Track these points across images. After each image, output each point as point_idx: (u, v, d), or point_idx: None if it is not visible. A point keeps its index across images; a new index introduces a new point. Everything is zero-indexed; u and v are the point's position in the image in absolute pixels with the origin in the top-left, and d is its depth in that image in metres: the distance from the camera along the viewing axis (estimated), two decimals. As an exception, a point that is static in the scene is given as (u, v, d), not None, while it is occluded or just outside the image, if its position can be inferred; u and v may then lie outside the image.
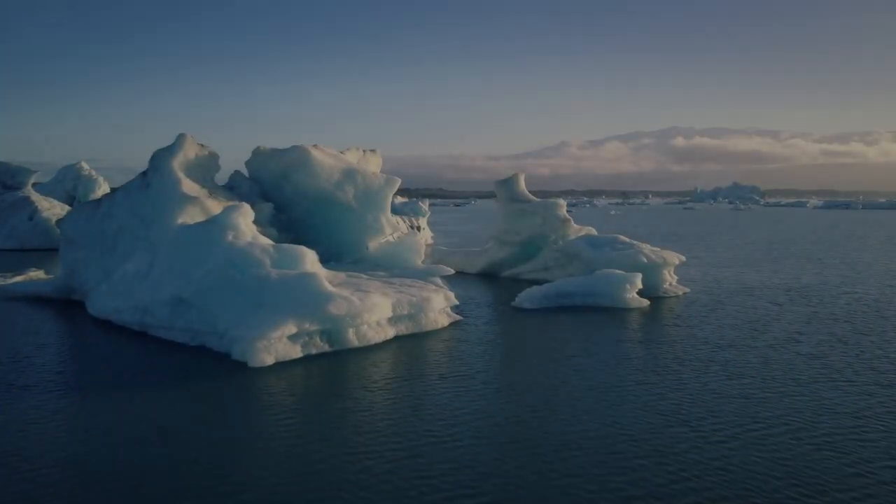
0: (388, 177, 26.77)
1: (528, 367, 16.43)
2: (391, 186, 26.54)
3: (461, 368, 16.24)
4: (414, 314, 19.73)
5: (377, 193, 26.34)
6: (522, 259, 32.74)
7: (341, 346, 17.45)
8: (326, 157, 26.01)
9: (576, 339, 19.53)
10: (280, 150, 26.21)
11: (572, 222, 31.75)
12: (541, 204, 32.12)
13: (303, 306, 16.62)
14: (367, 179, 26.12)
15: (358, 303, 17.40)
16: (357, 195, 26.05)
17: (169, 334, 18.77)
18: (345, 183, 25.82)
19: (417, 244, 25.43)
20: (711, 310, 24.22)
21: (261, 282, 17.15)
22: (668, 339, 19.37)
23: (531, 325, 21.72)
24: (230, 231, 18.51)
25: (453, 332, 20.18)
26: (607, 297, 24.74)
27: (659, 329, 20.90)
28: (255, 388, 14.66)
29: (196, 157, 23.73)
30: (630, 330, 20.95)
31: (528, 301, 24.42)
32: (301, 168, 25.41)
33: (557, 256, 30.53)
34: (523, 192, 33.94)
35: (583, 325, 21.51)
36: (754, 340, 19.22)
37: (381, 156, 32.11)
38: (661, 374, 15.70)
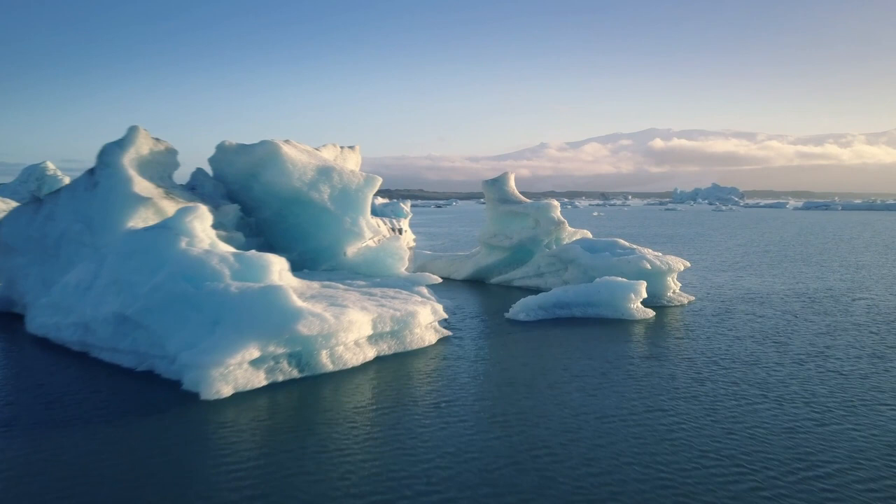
0: (368, 175, 24.33)
1: (528, 392, 14.13)
2: (371, 186, 24.11)
3: (452, 395, 13.92)
4: (397, 331, 17.32)
5: (356, 193, 23.89)
6: (513, 264, 30.46)
7: (313, 372, 15.00)
8: (299, 153, 23.49)
9: (578, 356, 17.26)
10: (247, 146, 23.63)
11: (567, 225, 29.54)
12: (533, 205, 29.87)
13: (267, 325, 14.13)
14: (345, 178, 23.65)
15: (332, 320, 14.94)
16: (334, 195, 23.57)
17: (113, 357, 16.15)
18: (320, 182, 23.32)
19: (400, 249, 23.02)
20: (722, 320, 22.12)
21: (218, 297, 14.61)
22: (681, 356, 17.18)
23: (528, 340, 19.42)
24: (183, 237, 15.94)
25: (442, 351, 17.80)
26: (609, 307, 22.53)
27: (669, 344, 18.71)
28: (209, 424, 12.20)
29: (150, 153, 21.08)
30: (637, 346, 18.73)
31: (524, 312, 22.13)
32: (271, 165, 22.86)
33: (551, 262, 28.29)
34: (513, 193, 31.67)
35: (585, 341, 19.25)
36: (780, 356, 17.11)
37: (360, 153, 29.64)
38: (678, 397, 13.57)
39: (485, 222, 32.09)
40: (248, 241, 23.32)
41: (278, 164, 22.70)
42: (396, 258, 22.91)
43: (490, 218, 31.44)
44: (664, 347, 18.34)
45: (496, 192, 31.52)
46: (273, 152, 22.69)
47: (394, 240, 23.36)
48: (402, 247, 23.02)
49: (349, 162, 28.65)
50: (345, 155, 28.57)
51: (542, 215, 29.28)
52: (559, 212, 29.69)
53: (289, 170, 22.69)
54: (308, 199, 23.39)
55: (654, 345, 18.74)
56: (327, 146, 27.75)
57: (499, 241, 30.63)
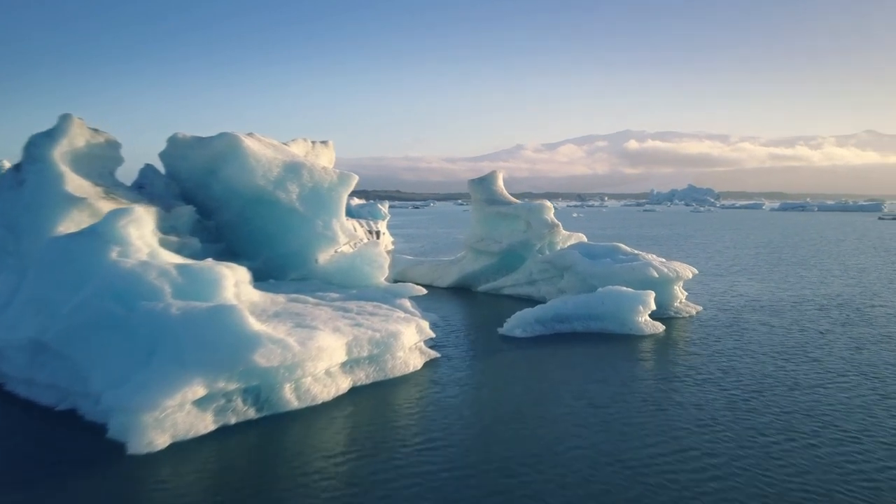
0: (342, 173, 21.60)
1: (532, 430, 11.68)
2: (346, 184, 21.39)
3: (442, 434, 11.49)
4: (377, 356, 14.66)
5: (328, 193, 21.14)
6: (502, 271, 27.92)
7: (274, 410, 12.29)
8: (264, 147, 20.67)
9: (587, 382, 14.79)
10: (204, 139, 20.72)
11: (561, 228, 27.09)
12: (524, 206, 27.36)
13: (217, 355, 11.38)
14: (316, 176, 20.88)
15: (298, 347, 12.23)
16: (303, 195, 20.80)
17: (30, 391, 13.25)
18: (287, 180, 20.52)
19: (379, 256, 20.34)
20: (738, 333, 19.83)
21: (155, 320, 11.81)
22: (704, 378, 14.82)
23: (527, 362, 16.89)
24: (114, 245, 13.07)
25: (429, 378, 15.19)
26: (615, 321, 20.10)
27: (687, 363, 16.32)
28: (138, 484, 9.54)
29: (87, 146, 18.11)
30: (651, 367, 16.31)
31: (520, 328, 19.59)
32: (231, 161, 19.99)
33: (545, 268, 25.80)
34: (502, 193, 29.15)
35: (592, 362, 16.79)
36: (818, 376, 14.86)
37: (334, 149, 26.89)
38: (710, 433, 11.34)
39: (470, 225, 29.52)
40: (206, 247, 20.45)
41: (239, 159, 19.85)
42: (375, 266, 20.22)
43: (476, 220, 28.86)
44: (682, 368, 15.95)
45: (483, 193, 28.96)
46: (233, 146, 19.83)
47: (371, 245, 20.66)
48: (381, 253, 20.34)
49: (322, 158, 25.88)
50: (317, 151, 25.79)
51: (535, 217, 26.80)
52: (553, 213, 27.24)
53: (252, 166, 19.86)
54: (274, 200, 20.58)
55: (671, 364, 16.36)
56: (297, 141, 24.96)
57: (486, 246, 28.07)
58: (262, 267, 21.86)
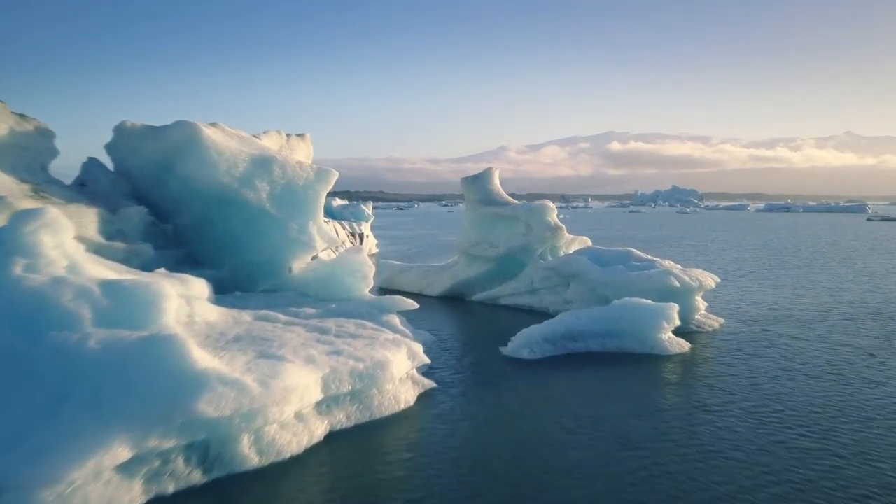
0: (321, 168, 18.83)
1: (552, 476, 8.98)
2: (324, 181, 18.62)
3: (443, 488, 8.79)
4: (361, 391, 11.92)
5: (304, 191, 18.37)
6: (500, 278, 25.25)
7: (228, 471, 9.50)
8: (227, 139, 17.82)
9: (610, 414, 12.24)
10: (157, 128, 17.82)
11: (565, 231, 24.49)
12: (523, 207, 24.71)
13: (148, 404, 8.60)
14: (290, 171, 18.09)
15: (257, 389, 9.47)
16: (275, 194, 18.01)
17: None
18: (256, 176, 17.72)
19: (362, 264, 17.59)
20: (770, 350, 17.41)
21: (67, 356, 8.99)
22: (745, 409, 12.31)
23: (539, 391, 14.24)
24: (18, 257, 10.20)
25: (425, 416, 12.47)
26: (635, 338, 17.53)
27: (723, 389, 13.79)
28: None
29: (11, 134, 15.15)
30: (681, 394, 13.73)
31: (526, 347, 16.93)
32: (189, 154, 17.13)
33: (547, 276, 23.18)
34: (498, 193, 26.49)
35: (613, 389, 14.18)
36: (875, 404, 12.31)
37: (311, 143, 24.08)
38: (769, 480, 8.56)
39: (463, 227, 26.81)
40: (161, 254, 17.60)
41: (199, 152, 16.98)
42: (358, 276, 17.47)
43: (471, 222, 26.17)
44: (719, 396, 13.43)
45: (478, 192, 26.28)
46: (191, 137, 16.96)
47: (353, 252, 17.88)
48: (365, 261, 17.58)
49: (298, 153, 23.08)
50: (292, 144, 22.98)
51: (535, 219, 24.16)
52: (556, 214, 24.62)
53: (213, 160, 17.00)
54: (241, 199, 17.75)
55: (706, 391, 13.83)
56: (269, 133, 22.14)
57: (482, 251, 25.39)
58: (227, 276, 19.04)
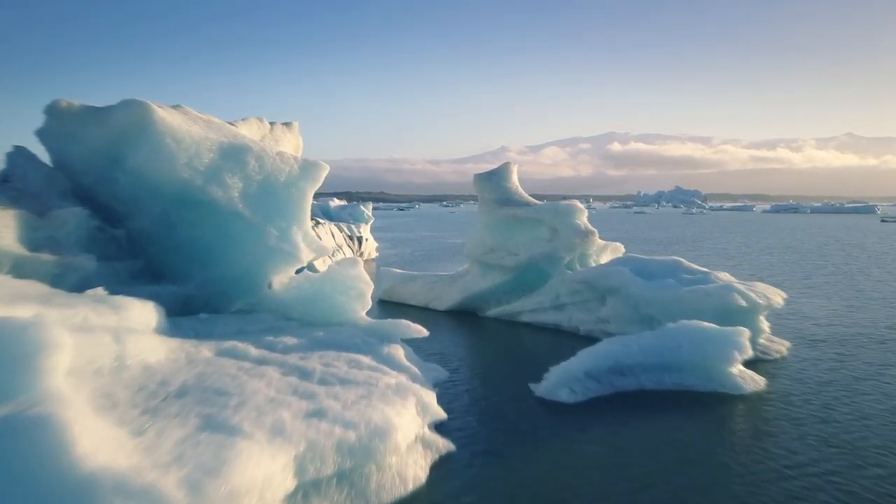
0: (308, 160, 15.34)
1: None
2: (311, 177, 15.12)
3: None
4: (353, 470, 8.37)
5: (286, 189, 14.87)
6: (518, 291, 21.71)
7: None
8: (189, 123, 14.27)
9: (681, 483, 8.69)
10: (99, 110, 14.29)
11: (597, 236, 20.95)
12: (548, 208, 21.16)
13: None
14: (269, 165, 14.58)
15: (183, 499, 5.96)
16: (250, 192, 14.50)
17: None
18: (226, 170, 14.21)
19: (358, 280, 14.07)
20: (862, 382, 13.87)
21: None
22: (865, 474, 8.74)
23: (587, 449, 10.75)
24: None
25: (440, 498, 8.96)
26: (698, 372, 14.02)
27: (824, 440, 10.26)
28: None
29: None
30: (772, 447, 10.21)
31: (565, 387, 13.40)
32: (140, 142, 13.62)
33: (577, 289, 19.68)
34: (517, 191, 22.97)
35: (679, 443, 10.68)
36: None
37: (299, 134, 20.57)
38: None
39: (477, 231, 23.26)
40: (109, 266, 14.13)
41: (152, 139, 13.45)
42: (352, 295, 13.97)
43: (485, 226, 22.63)
44: (822, 452, 9.87)
45: (493, 191, 22.74)
46: (141, 120, 13.41)
47: (347, 265, 14.34)
48: (361, 276, 14.06)
49: (284, 144, 19.57)
50: (276, 134, 19.47)
51: (563, 222, 20.63)
52: (586, 217, 21.08)
53: (170, 150, 13.47)
54: (207, 199, 14.23)
55: (803, 445, 10.31)
56: (249, 120, 18.64)
57: (498, 259, 21.85)
58: (195, 294, 15.55)
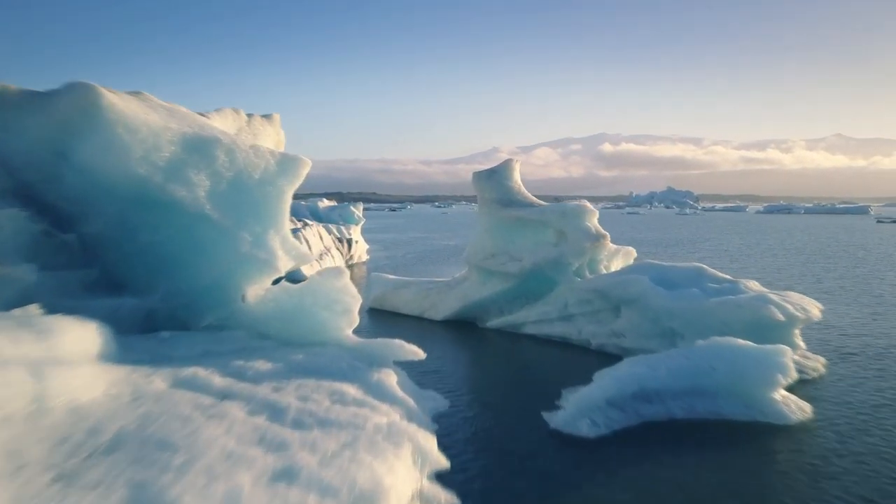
0: (287, 155, 13.42)
1: None
2: (290, 174, 13.20)
3: None
4: (331, 552, 6.48)
5: (262, 188, 12.95)
6: (522, 300, 19.86)
7: None
8: (146, 111, 12.30)
9: None
10: (41, 95, 12.33)
11: (609, 240, 19.13)
12: (555, 209, 19.32)
13: None
14: (241, 160, 12.65)
15: None
16: (219, 191, 12.57)
17: None
18: (190, 166, 12.26)
19: (345, 293, 12.16)
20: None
21: None
22: None
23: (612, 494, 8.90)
24: None
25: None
26: (735, 399, 12.20)
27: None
28: None
29: None
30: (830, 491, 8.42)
31: (585, 418, 11.54)
32: (88, 132, 11.67)
33: (587, 299, 17.85)
34: (520, 191, 21.12)
35: (721, 487, 8.84)
36: None
37: (281, 126, 18.66)
38: None
39: (477, 234, 21.38)
40: (56, 277, 12.16)
41: (102, 129, 11.49)
42: (337, 310, 12.05)
43: (486, 228, 20.75)
44: None
45: (494, 190, 20.87)
46: (90, 106, 11.44)
47: (331, 275, 12.41)
48: (348, 288, 12.14)
49: (263, 139, 17.64)
50: (254, 128, 17.54)
51: (571, 224, 18.79)
52: (597, 219, 19.25)
53: (122, 141, 11.51)
54: (169, 199, 12.28)
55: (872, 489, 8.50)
56: (223, 111, 16.72)
57: (500, 264, 19.98)
58: (159, 308, 13.56)
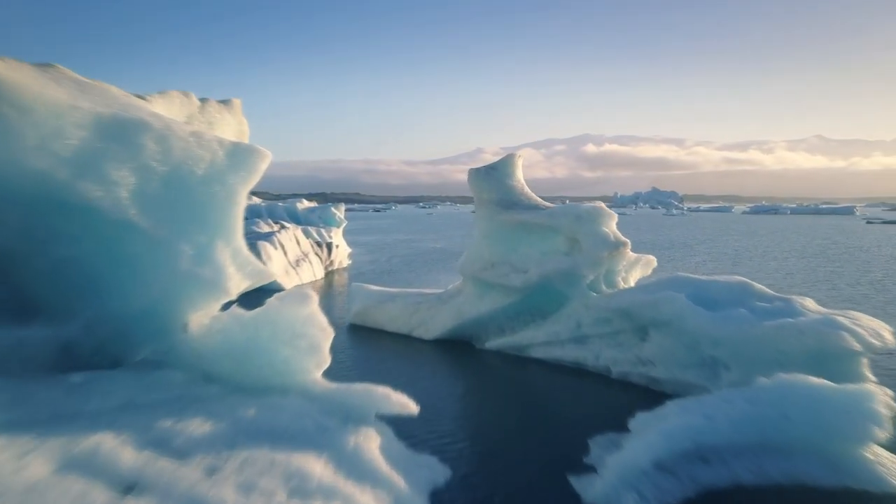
0: (241, 145, 10.56)
1: None
2: (246, 167, 10.34)
3: None
4: None
5: (207, 187, 10.08)
6: (527, 317, 17.10)
7: None
8: (43, 85, 9.38)
9: None
10: None
11: (629, 248, 16.41)
12: (567, 213, 16.56)
13: None
14: (178, 150, 9.77)
15: None
16: (148, 192, 9.67)
17: None
18: (108, 158, 9.35)
19: (311, 324, 9.32)
20: None
21: None
22: None
23: None
24: None
25: None
26: (818, 457, 9.49)
27: None
28: None
29: None
30: None
31: (629, 489, 8.75)
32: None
33: (606, 317, 15.13)
34: (523, 191, 18.35)
35: None
36: None
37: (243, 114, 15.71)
38: None
39: (474, 241, 18.57)
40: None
41: (-16, 107, 8.62)
42: (303, 347, 9.22)
43: (484, 234, 17.95)
44: None
45: (494, 190, 18.07)
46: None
47: (296, 301, 9.51)
48: (315, 318, 9.31)
49: (221, 128, 14.70)
50: (208, 115, 14.56)
51: (585, 229, 16.04)
52: (615, 224, 16.54)
53: (10, 125, 8.63)
54: (80, 202, 9.37)
55: None
56: (168, 94, 13.73)
57: (501, 276, 17.20)
58: (80, 338, 10.63)
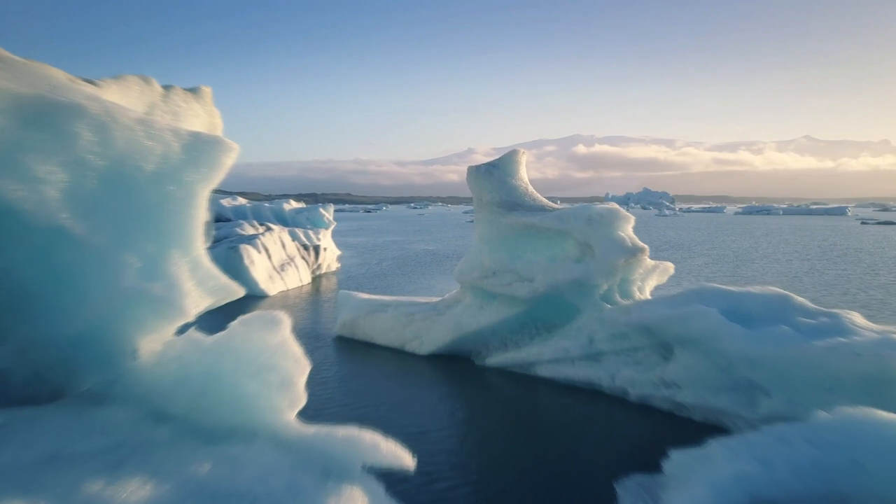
0: (200, 136, 8.86)
1: None
2: (206, 162, 8.62)
3: None
4: None
5: (159, 185, 8.36)
6: (533, 330, 15.45)
7: None
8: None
9: None
10: None
11: (647, 254, 14.78)
12: (578, 215, 14.93)
13: None
14: (121, 141, 8.06)
15: None
16: (84, 191, 7.95)
17: None
18: (32, 150, 7.63)
19: (283, 354, 7.63)
20: None
21: None
22: None
23: None
24: None
25: None
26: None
27: None
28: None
29: None
30: None
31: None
32: None
33: (622, 333, 13.50)
34: (527, 191, 16.71)
35: None
36: None
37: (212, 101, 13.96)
38: None
39: (474, 246, 16.90)
40: None
41: None
42: (273, 382, 7.52)
43: (485, 239, 16.29)
44: None
45: (496, 189, 16.41)
46: None
47: (263, 324, 7.83)
48: (288, 347, 7.63)
49: (188, 120, 12.94)
50: (173, 105, 12.79)
51: (598, 234, 14.41)
52: (632, 228, 14.92)
53: None
54: (1, 204, 7.65)
55: None
56: (124, 78, 11.97)
57: (504, 285, 15.54)
58: (14, 365, 8.91)
